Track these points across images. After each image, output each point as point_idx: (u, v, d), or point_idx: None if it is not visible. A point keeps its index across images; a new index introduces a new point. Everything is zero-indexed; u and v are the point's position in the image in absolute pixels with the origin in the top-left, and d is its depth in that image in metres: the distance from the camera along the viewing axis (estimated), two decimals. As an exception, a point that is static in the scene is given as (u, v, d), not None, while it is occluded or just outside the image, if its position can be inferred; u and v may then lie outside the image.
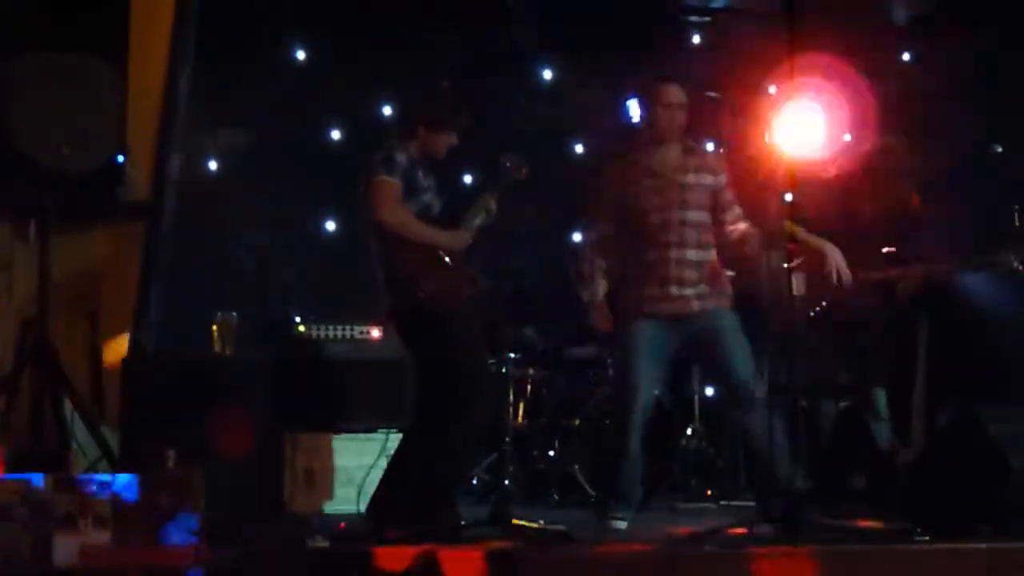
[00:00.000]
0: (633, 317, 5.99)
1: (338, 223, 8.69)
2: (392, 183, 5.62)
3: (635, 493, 6.02)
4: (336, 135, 8.89)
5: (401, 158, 5.68)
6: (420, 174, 5.73)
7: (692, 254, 5.96)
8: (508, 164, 5.90)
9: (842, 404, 6.71)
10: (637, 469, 5.99)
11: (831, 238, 6.38)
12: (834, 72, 7.47)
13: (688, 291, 5.94)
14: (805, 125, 5.93)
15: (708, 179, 6.03)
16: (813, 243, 6.31)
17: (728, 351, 5.92)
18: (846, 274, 6.29)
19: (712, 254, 6.04)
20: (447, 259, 5.67)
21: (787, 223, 6.27)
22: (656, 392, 6.22)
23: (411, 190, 5.68)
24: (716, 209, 6.04)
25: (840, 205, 6.62)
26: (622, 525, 5.90)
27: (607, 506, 6.01)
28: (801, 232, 6.20)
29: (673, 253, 5.95)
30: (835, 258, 6.32)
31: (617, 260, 6.15)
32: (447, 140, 5.84)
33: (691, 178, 6.00)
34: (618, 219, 6.09)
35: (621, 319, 6.06)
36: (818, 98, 6.12)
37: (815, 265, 6.31)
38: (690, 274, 5.94)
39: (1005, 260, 6.19)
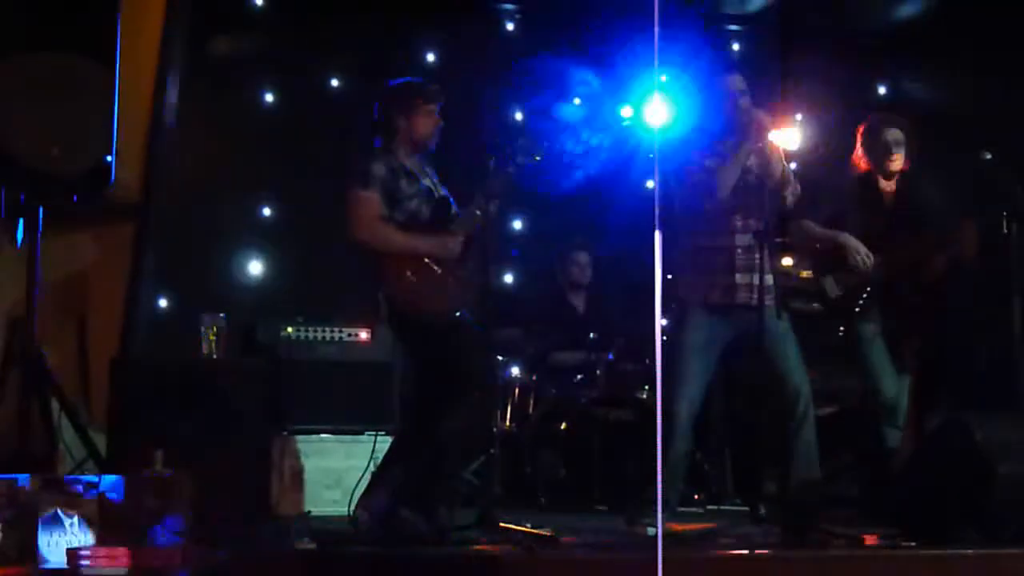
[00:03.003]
0: (691, 305, 5.80)
1: (327, 225, 8.68)
2: (369, 197, 5.50)
3: (671, 497, 5.82)
4: (326, 137, 8.90)
5: (379, 169, 5.54)
6: (404, 182, 5.61)
7: (755, 240, 5.72)
8: (520, 150, 5.66)
9: (828, 410, 6.73)
10: (677, 473, 5.80)
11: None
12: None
13: (754, 279, 5.69)
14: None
15: (754, 160, 5.81)
16: (828, 236, 6.24)
17: (782, 356, 5.72)
18: (869, 257, 6.19)
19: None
20: (435, 266, 5.61)
21: (803, 223, 6.23)
22: (704, 389, 5.89)
23: (394, 200, 5.57)
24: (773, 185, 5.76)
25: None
26: (651, 531, 5.60)
27: (637, 510, 5.77)
28: (814, 228, 6.16)
29: (739, 239, 5.77)
30: (855, 245, 6.20)
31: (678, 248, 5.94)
32: (429, 122, 5.67)
33: (751, 160, 5.81)
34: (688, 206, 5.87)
35: (677, 308, 5.85)
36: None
37: (840, 259, 6.25)
38: (755, 261, 5.70)
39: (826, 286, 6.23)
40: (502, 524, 5.48)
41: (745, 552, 5.03)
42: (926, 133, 6.58)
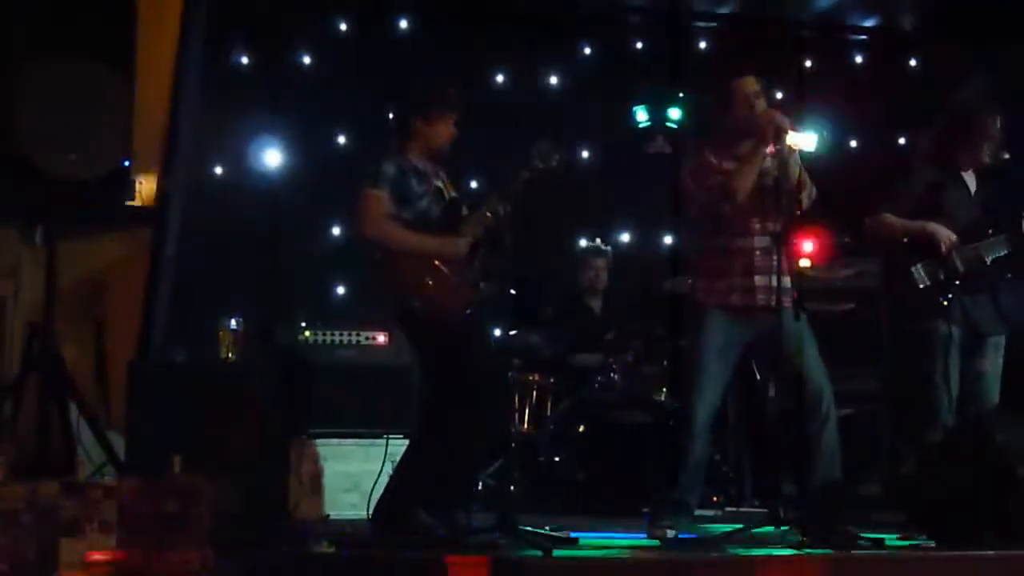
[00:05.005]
0: (710, 308, 5.79)
1: (344, 228, 8.70)
2: (377, 195, 5.53)
3: (691, 500, 5.83)
4: (342, 140, 8.92)
5: (389, 169, 5.57)
6: (414, 182, 5.64)
7: (773, 242, 5.69)
8: (539, 153, 5.66)
9: (846, 411, 6.69)
10: (697, 476, 5.81)
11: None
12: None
13: (773, 281, 5.66)
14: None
15: (770, 162, 5.78)
16: (915, 228, 6.06)
17: (802, 356, 5.69)
18: (954, 240, 6.01)
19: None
20: (443, 266, 5.60)
21: (883, 218, 6.12)
22: (722, 392, 5.89)
23: (404, 199, 5.59)
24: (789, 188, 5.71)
25: None
26: (671, 533, 5.65)
27: (657, 512, 5.80)
28: (896, 220, 6.04)
29: (758, 241, 5.76)
30: (942, 233, 6.01)
31: (693, 250, 5.92)
32: (446, 130, 5.71)
33: (767, 163, 5.77)
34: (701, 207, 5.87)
35: (695, 311, 5.85)
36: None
37: (927, 249, 6.03)
38: (773, 263, 5.66)
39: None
40: (521, 527, 5.47)
41: (765, 554, 5.02)
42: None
